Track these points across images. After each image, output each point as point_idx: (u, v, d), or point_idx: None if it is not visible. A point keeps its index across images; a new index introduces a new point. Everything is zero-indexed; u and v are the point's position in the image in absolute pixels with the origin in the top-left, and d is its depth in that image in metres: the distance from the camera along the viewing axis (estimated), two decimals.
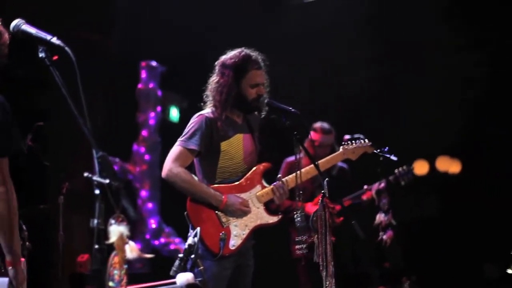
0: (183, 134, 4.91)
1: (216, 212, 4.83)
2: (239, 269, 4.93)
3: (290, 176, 5.05)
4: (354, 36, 9.26)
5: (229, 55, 5.01)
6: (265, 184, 5.06)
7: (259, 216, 4.96)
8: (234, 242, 4.82)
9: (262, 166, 5.08)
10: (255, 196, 4.98)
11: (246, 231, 4.88)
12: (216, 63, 5.06)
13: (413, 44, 9.23)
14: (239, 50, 5.01)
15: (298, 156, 4.65)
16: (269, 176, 5.30)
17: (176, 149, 4.89)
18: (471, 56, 9.03)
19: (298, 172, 4.78)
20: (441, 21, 9.06)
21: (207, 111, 4.98)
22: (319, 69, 9.55)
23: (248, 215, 4.91)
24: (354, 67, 9.30)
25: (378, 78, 9.28)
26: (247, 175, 5.01)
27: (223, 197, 4.82)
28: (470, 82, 9.05)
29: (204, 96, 5.06)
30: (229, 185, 4.93)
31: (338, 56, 9.35)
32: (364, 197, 7.37)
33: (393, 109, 9.27)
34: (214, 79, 5.01)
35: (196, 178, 4.95)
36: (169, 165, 4.85)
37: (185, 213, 4.87)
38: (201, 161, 4.96)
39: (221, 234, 4.73)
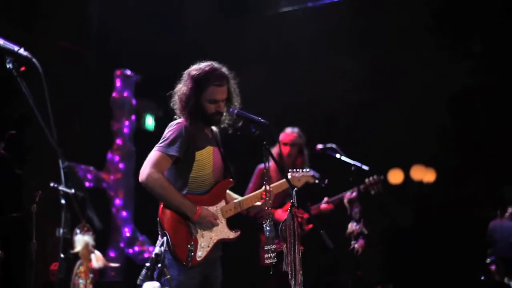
0: (163, 140, 4.90)
1: (187, 222, 4.86)
2: (206, 279, 4.96)
3: (248, 196, 5.25)
4: (332, 45, 9.33)
5: (197, 67, 5.06)
6: (228, 200, 5.15)
7: (222, 230, 5.02)
8: (201, 253, 4.85)
9: (227, 182, 5.15)
10: (220, 211, 5.04)
11: (211, 244, 4.93)
12: (185, 71, 5.12)
13: (391, 55, 9.30)
14: (208, 63, 5.06)
15: (267, 165, 4.70)
16: (242, 185, 5.39)
17: (155, 154, 4.86)
18: (449, 68, 9.12)
19: (267, 185, 4.81)
20: (421, 34, 9.14)
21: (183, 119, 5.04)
22: (296, 79, 9.60)
23: (214, 229, 4.96)
24: (332, 77, 9.36)
25: (356, 88, 9.35)
26: (213, 189, 5.06)
27: (198, 208, 4.86)
28: (447, 93, 9.14)
29: (171, 103, 5.13)
30: (197, 196, 4.96)
31: (316, 65, 9.42)
32: (323, 207, 7.43)
33: (369, 118, 9.35)
34: (179, 86, 5.09)
35: None
36: (148, 169, 4.80)
37: (158, 219, 4.88)
38: (174, 169, 4.96)
39: (189, 245, 4.76)
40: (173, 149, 4.85)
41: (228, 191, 5.25)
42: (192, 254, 4.76)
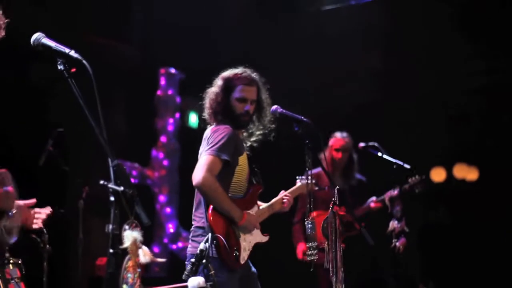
0: (214, 143, 4.88)
1: (232, 226, 4.91)
2: (245, 279, 5.02)
3: (274, 201, 5.27)
4: (370, 44, 9.34)
5: (229, 70, 5.14)
6: (259, 204, 5.23)
7: (258, 234, 5.09)
8: (243, 256, 4.93)
9: (258, 187, 5.21)
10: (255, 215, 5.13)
11: (250, 247, 5.00)
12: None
13: (426, 53, 9.28)
14: (240, 68, 5.15)
15: (309, 163, 4.75)
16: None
17: (209, 158, 4.84)
18: (482, 64, 9.08)
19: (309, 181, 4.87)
20: (449, 31, 9.10)
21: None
22: (335, 76, 9.60)
23: (253, 232, 5.04)
24: (371, 74, 9.36)
25: (394, 86, 9.33)
26: (248, 193, 5.12)
27: (244, 213, 4.93)
28: (485, 91, 9.10)
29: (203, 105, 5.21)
30: (237, 200, 4.99)
31: (354, 63, 9.42)
32: (372, 206, 7.52)
33: (409, 116, 9.34)
34: (210, 89, 5.17)
35: None
36: (203, 173, 4.78)
37: (207, 224, 4.90)
38: (219, 173, 4.91)
39: (235, 248, 4.84)
40: (225, 153, 4.86)
41: None
42: (238, 256, 4.84)
